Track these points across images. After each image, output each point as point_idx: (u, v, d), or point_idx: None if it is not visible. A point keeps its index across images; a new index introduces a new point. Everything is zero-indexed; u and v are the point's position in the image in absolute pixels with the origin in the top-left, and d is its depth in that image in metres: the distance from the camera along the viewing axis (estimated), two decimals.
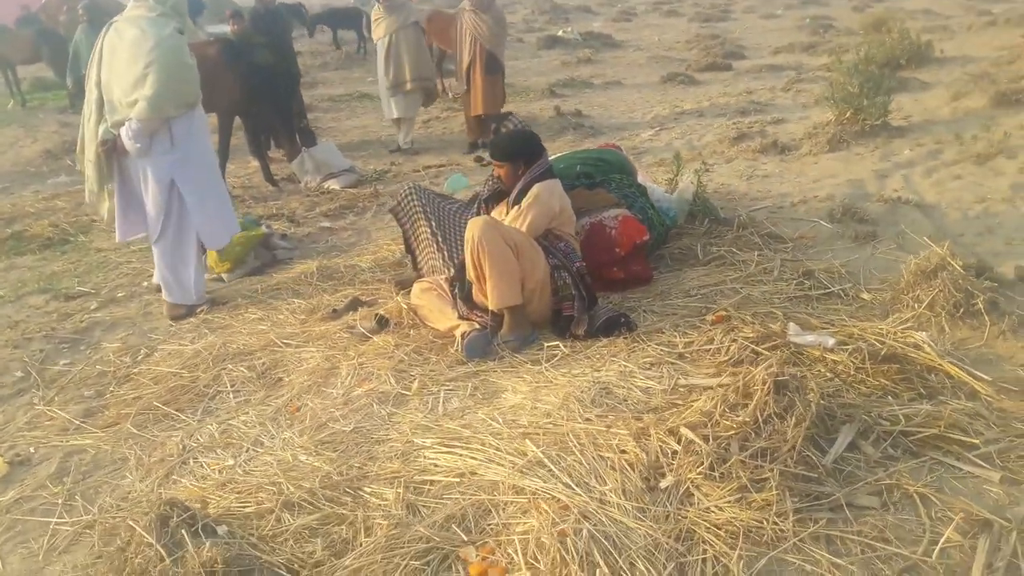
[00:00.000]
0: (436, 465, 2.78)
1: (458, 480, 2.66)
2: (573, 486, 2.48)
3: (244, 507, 2.63)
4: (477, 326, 3.75)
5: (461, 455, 2.80)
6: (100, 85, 4.30)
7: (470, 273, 3.71)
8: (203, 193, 4.50)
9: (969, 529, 2.21)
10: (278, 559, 2.32)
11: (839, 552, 2.19)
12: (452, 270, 4.16)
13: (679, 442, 2.58)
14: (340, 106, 12.35)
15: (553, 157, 4.45)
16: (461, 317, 3.85)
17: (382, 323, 4.03)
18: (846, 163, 6.05)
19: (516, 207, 3.86)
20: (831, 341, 3.13)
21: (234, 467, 2.97)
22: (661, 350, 3.38)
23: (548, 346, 3.62)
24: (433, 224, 4.39)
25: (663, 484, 2.45)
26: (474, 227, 3.61)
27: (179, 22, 4.31)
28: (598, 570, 2.08)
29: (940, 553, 2.15)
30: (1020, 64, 8.13)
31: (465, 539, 2.35)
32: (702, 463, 2.45)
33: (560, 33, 19.21)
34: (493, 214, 4.04)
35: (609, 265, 4.10)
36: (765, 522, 2.25)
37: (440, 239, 4.35)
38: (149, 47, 4.08)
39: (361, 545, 2.36)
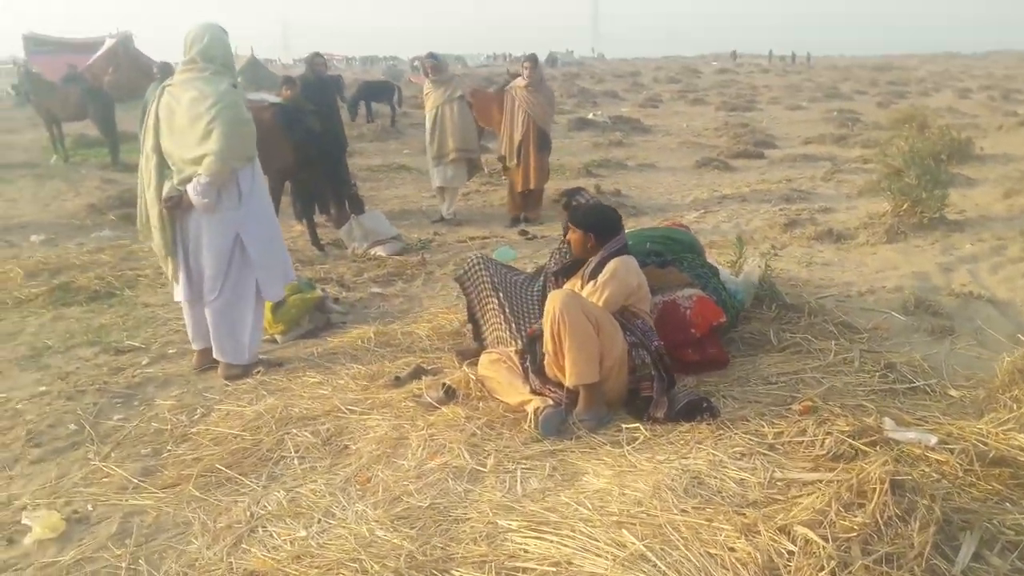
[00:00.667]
0: (526, 551, 2.63)
1: (554, 570, 2.51)
2: None
3: None
4: (551, 402, 3.64)
5: (552, 541, 2.66)
6: (158, 151, 4.30)
7: (547, 346, 3.62)
8: (267, 246, 4.48)
9: None
10: None
11: None
12: (519, 342, 4.08)
13: (793, 541, 2.44)
14: (379, 176, 12.49)
15: None
16: (533, 391, 3.75)
17: (450, 394, 3.93)
18: (906, 255, 5.99)
19: (592, 282, 3.80)
20: (933, 439, 3.00)
21: (307, 539, 2.82)
22: (750, 439, 3.25)
23: (627, 428, 3.50)
24: (501, 295, 4.33)
25: None
26: (556, 300, 3.53)
27: (232, 78, 4.36)
28: None
29: None
30: None
31: None
32: (823, 567, 2.30)
33: (590, 116, 19.63)
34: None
35: (683, 346, 4.01)
36: None
37: (508, 311, 4.28)
38: (209, 103, 4.11)
39: None
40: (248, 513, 3.07)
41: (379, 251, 7.37)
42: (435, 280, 6.48)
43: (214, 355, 4.55)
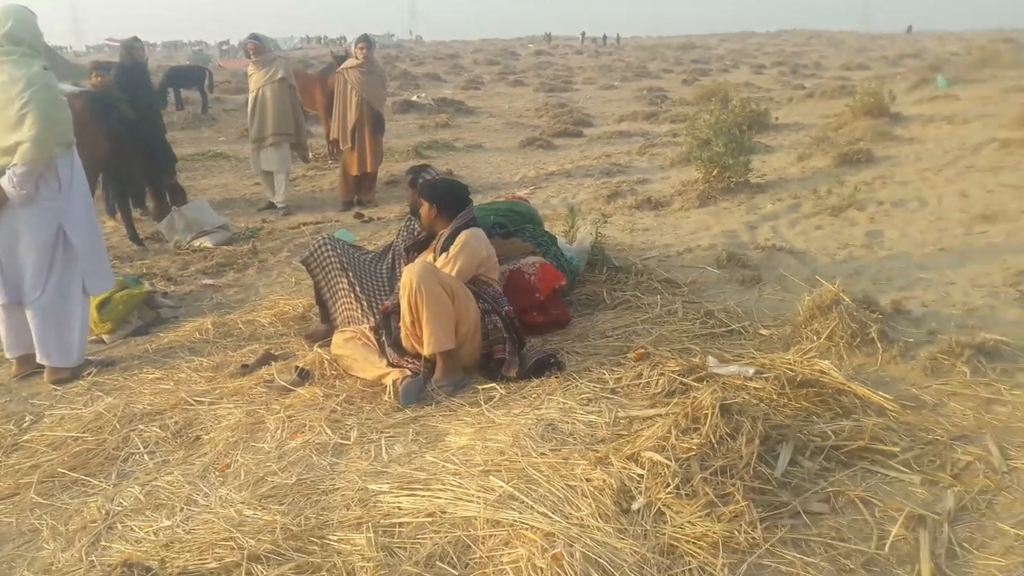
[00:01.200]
0: (400, 508, 2.74)
1: (429, 520, 2.63)
2: (550, 514, 2.54)
3: (205, 563, 2.47)
4: (408, 373, 3.74)
5: (424, 496, 2.78)
6: None
7: (405, 318, 3.71)
8: (90, 237, 4.26)
9: (909, 524, 2.47)
10: None
11: (806, 552, 2.38)
12: (372, 319, 4.14)
13: (641, 466, 2.71)
14: (194, 165, 11.93)
15: None
16: (391, 364, 3.83)
17: (303, 375, 3.93)
18: (717, 216, 6.58)
19: (444, 254, 3.93)
20: (751, 371, 3.40)
21: (173, 527, 2.77)
22: (594, 387, 3.52)
23: (483, 388, 3.67)
24: (350, 275, 4.36)
25: (635, 506, 2.56)
26: (412, 273, 3.63)
27: (42, 60, 4.11)
28: None
29: (891, 546, 2.39)
30: (848, 129, 9.24)
31: (456, 574, 2.34)
32: (668, 483, 2.59)
33: (414, 98, 19.63)
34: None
35: (530, 309, 4.23)
36: (737, 532, 2.41)
37: (358, 290, 4.31)
38: (21, 88, 3.86)
39: None
40: (103, 511, 2.95)
41: (205, 242, 7.10)
42: (269, 268, 6.36)
43: (38, 360, 4.27)
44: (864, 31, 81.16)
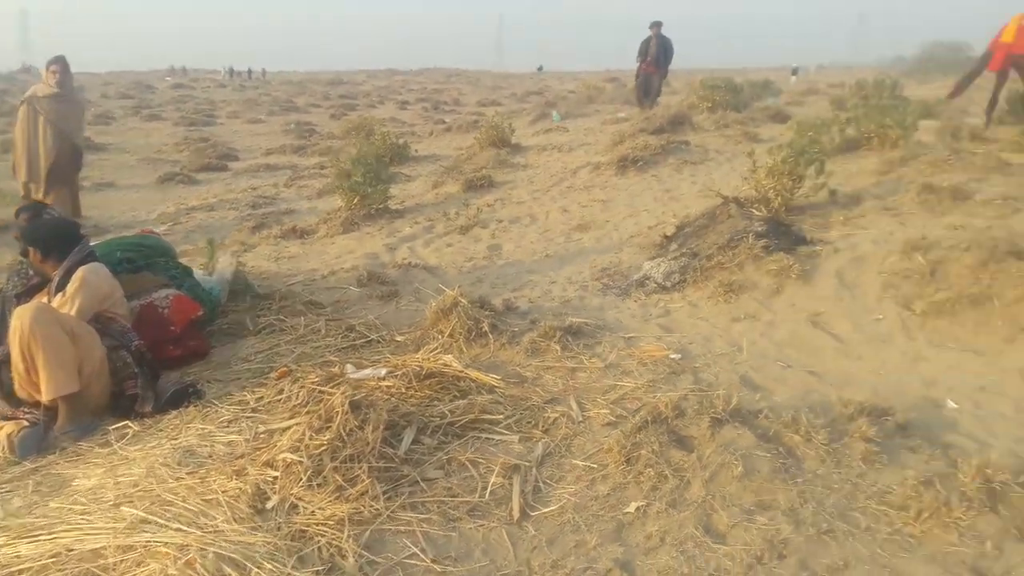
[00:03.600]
0: (19, 556, 2.59)
1: (53, 560, 2.53)
2: (185, 528, 2.60)
3: None
4: (26, 424, 3.49)
5: (46, 540, 2.66)
6: None
7: (18, 366, 3.45)
8: None
9: (506, 473, 2.96)
10: None
11: (422, 512, 2.75)
12: None
13: (276, 469, 2.88)
14: None
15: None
16: (3, 418, 3.54)
17: None
18: (360, 241, 6.95)
19: (61, 293, 3.73)
20: (383, 371, 3.74)
21: None
22: (235, 409, 3.60)
23: (114, 428, 3.55)
24: None
25: (269, 504, 2.72)
26: (23, 316, 3.40)
27: None
28: None
29: (491, 493, 2.86)
30: (476, 159, 10.24)
31: None
32: (301, 479, 2.79)
33: None
34: None
35: (164, 344, 4.16)
36: (362, 507, 2.70)
37: None
38: None
39: None
40: None
41: None
42: None
43: None
44: (498, 70, 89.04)
